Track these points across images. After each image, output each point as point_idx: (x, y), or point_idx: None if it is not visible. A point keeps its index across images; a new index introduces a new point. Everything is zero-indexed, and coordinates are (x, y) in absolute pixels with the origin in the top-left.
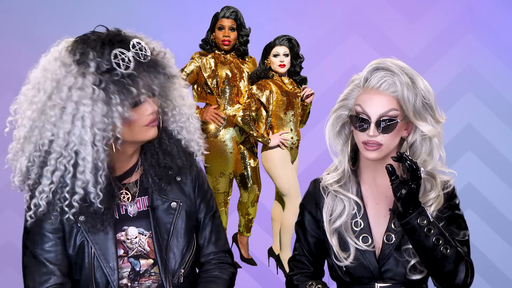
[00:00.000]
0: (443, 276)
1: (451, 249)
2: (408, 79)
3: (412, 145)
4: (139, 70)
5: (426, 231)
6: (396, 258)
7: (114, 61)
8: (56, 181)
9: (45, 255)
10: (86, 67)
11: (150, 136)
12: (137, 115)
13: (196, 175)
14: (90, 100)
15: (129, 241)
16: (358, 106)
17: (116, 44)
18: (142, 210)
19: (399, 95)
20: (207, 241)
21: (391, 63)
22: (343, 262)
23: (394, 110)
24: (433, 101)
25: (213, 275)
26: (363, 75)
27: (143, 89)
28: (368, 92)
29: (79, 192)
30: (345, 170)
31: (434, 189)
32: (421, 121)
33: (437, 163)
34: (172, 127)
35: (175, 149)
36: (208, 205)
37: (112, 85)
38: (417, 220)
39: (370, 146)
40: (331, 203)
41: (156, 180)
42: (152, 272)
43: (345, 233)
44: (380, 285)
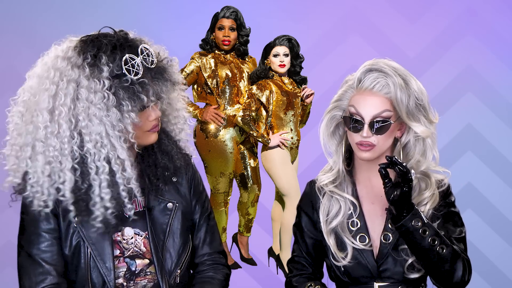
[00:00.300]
0: (441, 275)
1: (447, 248)
2: (401, 80)
3: (405, 146)
4: (148, 76)
5: (421, 232)
6: (394, 257)
7: (125, 67)
8: (77, 179)
9: (41, 255)
10: (100, 71)
11: (151, 141)
12: (141, 120)
13: (192, 176)
14: (104, 104)
15: (125, 241)
16: (351, 107)
17: (126, 49)
18: (138, 210)
19: (392, 96)
20: (201, 242)
21: (384, 64)
22: (341, 262)
23: (387, 111)
24: (426, 102)
25: (208, 275)
26: (356, 76)
27: (152, 96)
28: (362, 93)
29: (97, 200)
30: (340, 170)
31: (429, 188)
32: (414, 122)
33: (431, 163)
34: (171, 129)
35: (174, 149)
36: (203, 206)
37: (122, 91)
38: (412, 222)
39: (363, 147)
40: (327, 204)
41: (153, 181)
42: (148, 272)
43: (342, 233)
44: (379, 284)
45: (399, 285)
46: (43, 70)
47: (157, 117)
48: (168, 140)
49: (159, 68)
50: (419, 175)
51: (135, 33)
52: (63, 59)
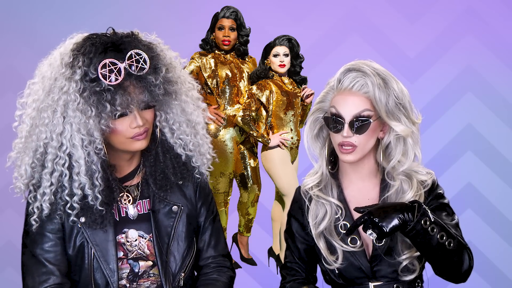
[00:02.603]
0: (450, 267)
1: (454, 240)
2: (380, 80)
3: (387, 146)
4: (126, 83)
5: (429, 231)
6: (387, 258)
7: (100, 72)
8: (55, 182)
9: (45, 255)
10: (73, 73)
11: (137, 148)
12: (121, 127)
13: (198, 179)
14: (74, 107)
15: (129, 243)
16: (332, 108)
17: (111, 53)
18: (143, 213)
19: (371, 95)
20: (206, 245)
21: (364, 64)
22: (333, 265)
23: (367, 111)
24: (408, 102)
25: (212, 277)
26: (336, 76)
27: (119, 106)
28: (342, 93)
29: (77, 193)
30: (324, 173)
31: (411, 189)
32: (394, 121)
33: (413, 164)
34: (172, 142)
35: (170, 165)
36: (209, 208)
37: (93, 96)
38: (421, 224)
39: (345, 149)
40: (314, 208)
41: (158, 183)
42: (151, 273)
43: (330, 237)
44: (374, 284)
45: (395, 283)
46: (45, 64)
47: (139, 125)
48: (164, 155)
49: (146, 74)
50: (401, 176)
51: (151, 35)
52: (60, 55)
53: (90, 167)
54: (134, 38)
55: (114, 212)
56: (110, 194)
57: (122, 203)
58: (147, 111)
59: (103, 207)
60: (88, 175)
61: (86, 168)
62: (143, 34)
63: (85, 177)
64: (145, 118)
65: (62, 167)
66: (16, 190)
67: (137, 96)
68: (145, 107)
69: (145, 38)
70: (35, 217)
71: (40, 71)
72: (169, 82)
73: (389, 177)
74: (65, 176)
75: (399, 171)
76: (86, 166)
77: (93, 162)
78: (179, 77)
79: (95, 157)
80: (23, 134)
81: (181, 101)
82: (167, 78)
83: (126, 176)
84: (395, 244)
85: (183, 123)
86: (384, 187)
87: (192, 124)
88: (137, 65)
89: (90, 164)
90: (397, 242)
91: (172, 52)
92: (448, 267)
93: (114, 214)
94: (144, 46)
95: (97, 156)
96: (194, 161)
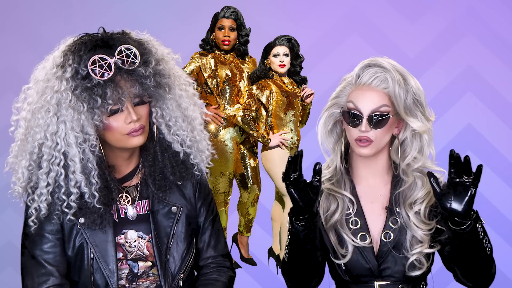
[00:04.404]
0: (484, 270)
1: (491, 247)
2: (399, 76)
3: (403, 143)
4: (117, 78)
5: (480, 232)
6: (394, 256)
7: (90, 68)
8: (52, 182)
9: (44, 256)
10: (64, 71)
11: (134, 145)
12: (116, 123)
13: (198, 178)
14: (66, 104)
15: (128, 244)
16: (350, 103)
17: (100, 49)
18: (142, 213)
19: (390, 91)
20: (206, 245)
21: (383, 60)
22: (341, 259)
23: (385, 106)
24: (423, 99)
25: (212, 277)
26: (355, 72)
27: (110, 99)
28: (360, 88)
29: (74, 191)
30: (338, 168)
31: (425, 185)
32: (412, 117)
33: (427, 161)
34: (169, 138)
35: (168, 164)
36: (209, 208)
37: (84, 92)
38: (478, 221)
39: (362, 143)
40: (325, 201)
41: (157, 184)
42: (150, 273)
43: (341, 230)
44: (379, 283)
45: (400, 284)
46: (40, 68)
47: (134, 120)
48: (162, 154)
49: (137, 69)
50: (416, 173)
51: (142, 33)
52: (53, 58)
53: (86, 165)
54: (125, 35)
55: (113, 212)
56: (109, 195)
57: (121, 204)
58: (141, 107)
59: (100, 205)
60: (83, 173)
61: (82, 166)
62: (135, 32)
63: (81, 175)
64: (140, 114)
65: (58, 167)
66: (14, 194)
67: (128, 89)
68: (139, 103)
69: (137, 36)
70: (33, 219)
71: (34, 76)
72: (160, 74)
73: (403, 173)
74: (61, 175)
75: (414, 167)
76: (82, 164)
77: (88, 160)
78: (171, 71)
79: (91, 155)
80: (19, 138)
81: (175, 95)
82: (158, 70)
83: (125, 176)
84: (403, 240)
85: (179, 118)
86: (396, 183)
87: (189, 119)
88: (127, 60)
89: (85, 162)
90: (406, 238)
91: (164, 48)
92: (482, 269)
93: (113, 215)
94: (134, 42)
95: (92, 154)
96: (193, 158)
